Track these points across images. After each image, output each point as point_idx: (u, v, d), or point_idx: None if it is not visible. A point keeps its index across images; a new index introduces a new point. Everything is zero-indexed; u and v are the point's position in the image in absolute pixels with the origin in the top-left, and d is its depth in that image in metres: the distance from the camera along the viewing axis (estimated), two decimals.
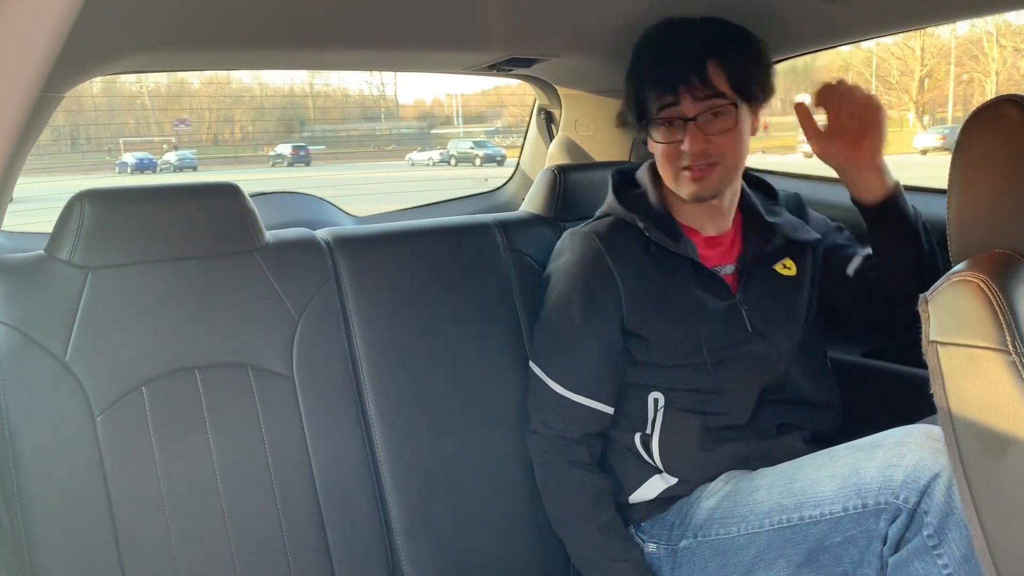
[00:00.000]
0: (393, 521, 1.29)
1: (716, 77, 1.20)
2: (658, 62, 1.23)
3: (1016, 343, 0.77)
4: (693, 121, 1.20)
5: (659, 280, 1.25)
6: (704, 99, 1.20)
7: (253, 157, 20.00)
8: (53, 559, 1.08)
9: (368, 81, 24.04)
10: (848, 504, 1.01)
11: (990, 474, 0.80)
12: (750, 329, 1.25)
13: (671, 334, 1.24)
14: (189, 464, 1.17)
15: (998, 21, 21.04)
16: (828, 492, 1.04)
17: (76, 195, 1.17)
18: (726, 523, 1.14)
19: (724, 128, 1.21)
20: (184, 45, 1.30)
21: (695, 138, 1.21)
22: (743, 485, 1.16)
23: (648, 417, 1.25)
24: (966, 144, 0.89)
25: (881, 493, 0.98)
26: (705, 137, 1.21)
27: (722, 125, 1.21)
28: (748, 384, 1.24)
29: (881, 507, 0.98)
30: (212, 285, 1.23)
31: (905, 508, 0.97)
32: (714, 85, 1.20)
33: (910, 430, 1.03)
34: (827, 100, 1.24)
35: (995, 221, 0.88)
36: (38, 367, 1.10)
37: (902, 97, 22.12)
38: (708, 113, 1.20)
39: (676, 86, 1.20)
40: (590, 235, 1.29)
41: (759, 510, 1.11)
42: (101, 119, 19.02)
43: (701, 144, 1.21)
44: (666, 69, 1.21)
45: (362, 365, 1.32)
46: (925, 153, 16.64)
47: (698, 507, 1.19)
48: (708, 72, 1.19)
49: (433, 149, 19.20)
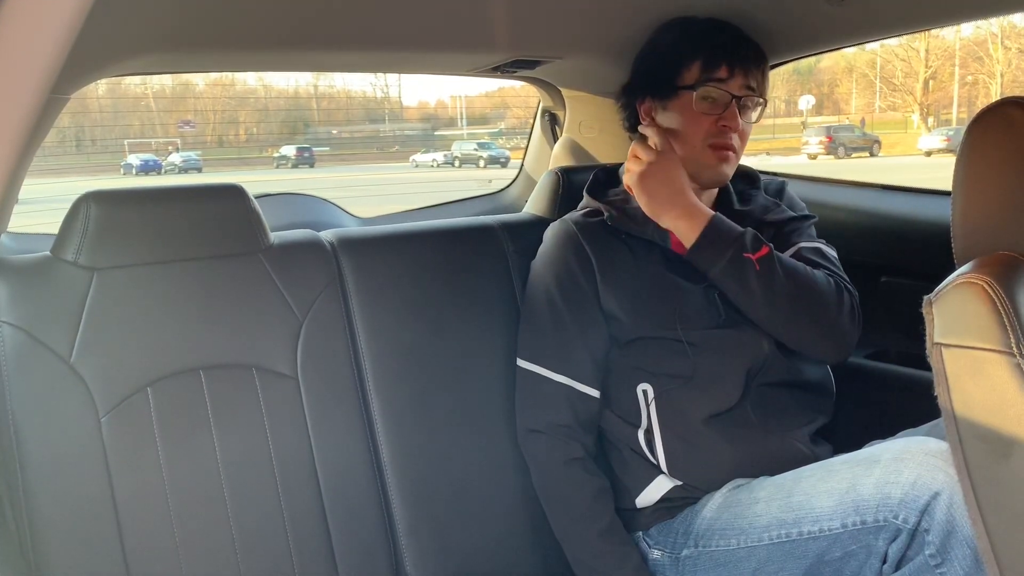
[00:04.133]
0: (397, 521, 1.30)
1: (760, 74, 1.28)
2: (714, 34, 1.28)
3: (1021, 345, 0.76)
4: (736, 99, 1.25)
5: (631, 262, 1.26)
6: (750, 87, 1.26)
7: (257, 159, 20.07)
8: (58, 559, 1.09)
9: (372, 83, 24.11)
10: (847, 521, 1.00)
11: (995, 476, 0.79)
12: (723, 314, 1.23)
13: (645, 307, 1.24)
14: (194, 464, 1.17)
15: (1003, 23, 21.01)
16: (826, 508, 1.03)
17: (82, 196, 1.18)
18: (726, 535, 1.14)
19: (750, 120, 1.29)
20: (189, 47, 1.31)
21: (733, 117, 1.25)
22: (743, 496, 1.15)
23: (641, 412, 1.24)
24: (970, 146, 0.89)
25: (879, 511, 0.97)
26: (737, 122, 1.26)
27: (751, 117, 1.29)
28: (732, 368, 1.22)
29: (880, 524, 0.97)
30: (217, 286, 1.23)
31: (905, 528, 0.95)
32: (759, 78, 1.27)
33: (907, 444, 1.01)
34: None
35: (999, 223, 0.88)
36: (43, 368, 1.11)
37: (907, 99, 22.08)
38: (746, 99, 1.26)
39: (732, 63, 1.25)
40: (565, 221, 1.33)
41: (758, 523, 1.10)
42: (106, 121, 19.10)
43: (736, 125, 1.26)
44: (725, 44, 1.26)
45: (366, 366, 1.32)
46: (930, 155, 16.62)
47: (700, 516, 1.19)
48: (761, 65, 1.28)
49: (437, 151, 19.23)
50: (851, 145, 17.98)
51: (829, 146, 17.47)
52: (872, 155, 18.02)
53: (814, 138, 17.79)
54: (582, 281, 1.26)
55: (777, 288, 1.19)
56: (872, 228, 1.55)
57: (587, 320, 1.25)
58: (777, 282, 1.19)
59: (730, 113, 1.25)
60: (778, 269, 1.20)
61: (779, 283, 1.19)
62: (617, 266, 1.26)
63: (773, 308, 1.20)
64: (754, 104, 1.29)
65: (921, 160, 16.12)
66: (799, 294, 1.20)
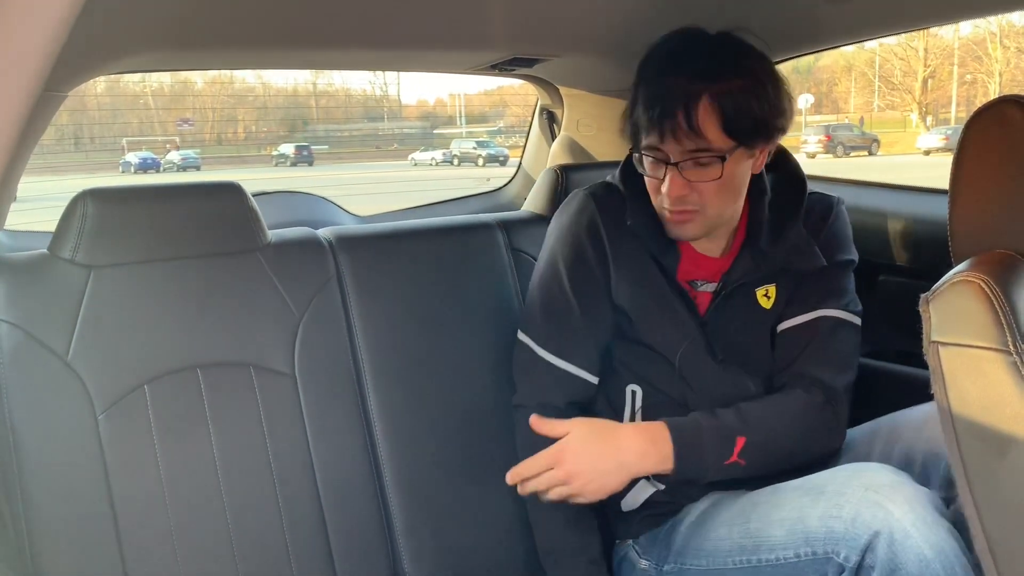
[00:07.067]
0: (394, 519, 1.30)
1: (707, 121, 1.07)
2: (649, 92, 1.11)
3: (1017, 344, 0.76)
4: (675, 166, 1.11)
5: (645, 262, 1.20)
6: (689, 148, 1.09)
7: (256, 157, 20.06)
8: (55, 556, 1.09)
9: (371, 81, 24.12)
10: (799, 551, 1.01)
11: (991, 474, 0.79)
12: (719, 353, 1.19)
13: (651, 317, 1.19)
14: (191, 463, 1.17)
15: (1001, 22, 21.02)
16: (779, 537, 1.03)
17: (79, 194, 1.18)
18: (698, 555, 1.14)
19: (708, 177, 1.10)
20: (187, 44, 1.31)
21: (675, 184, 1.11)
22: (712, 515, 1.15)
23: (626, 411, 1.23)
24: (968, 144, 0.89)
25: (827, 543, 0.97)
26: (687, 183, 1.11)
27: (707, 175, 1.10)
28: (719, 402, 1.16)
29: (829, 556, 0.98)
30: (214, 284, 1.23)
31: (847, 566, 0.96)
32: (702, 131, 1.07)
33: (849, 477, 1.00)
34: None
35: (996, 221, 0.88)
36: (40, 365, 1.11)
37: (905, 98, 22.10)
38: (691, 161, 1.10)
39: (662, 126, 1.09)
40: (588, 197, 1.24)
41: (722, 547, 1.10)
42: (104, 118, 19.09)
43: (681, 190, 1.11)
44: (654, 104, 1.09)
45: (364, 364, 1.32)
46: (928, 153, 16.64)
47: (679, 530, 1.19)
48: (698, 115, 1.07)
49: (436, 149, 19.24)
50: (850, 144, 17.99)
51: (828, 145, 17.49)
52: (871, 154, 18.03)
53: (813, 137, 17.81)
54: (596, 269, 1.21)
55: (767, 460, 1.13)
56: (870, 227, 1.55)
57: (595, 310, 1.22)
58: (766, 458, 1.13)
59: (670, 179, 1.11)
60: (763, 449, 1.12)
61: (768, 457, 1.13)
62: (633, 261, 1.20)
63: (765, 468, 1.14)
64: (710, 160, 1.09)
65: (920, 159, 16.13)
66: (789, 448, 1.14)
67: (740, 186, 1.16)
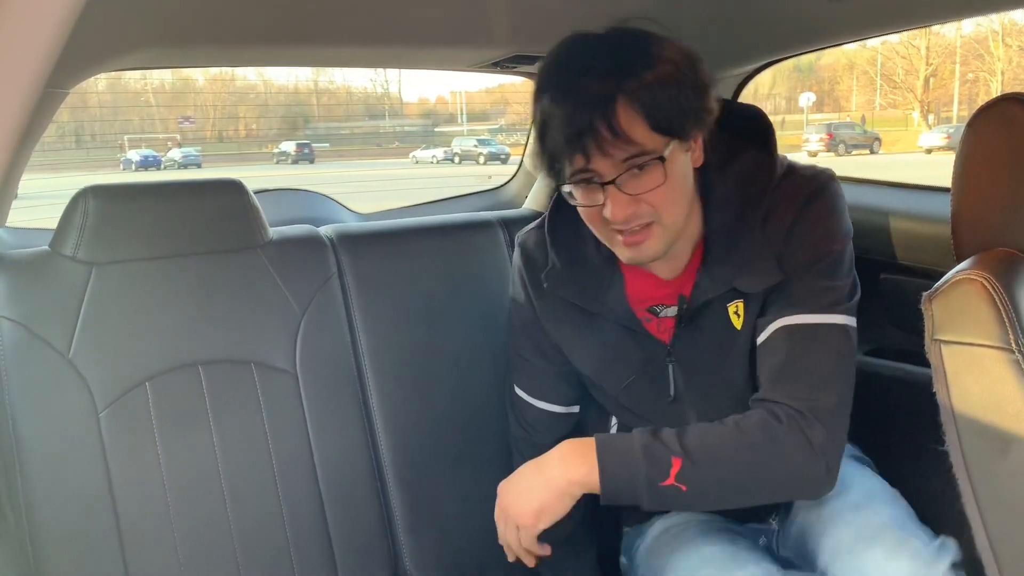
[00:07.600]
0: (396, 517, 1.30)
1: (630, 123, 0.92)
2: (559, 109, 0.94)
3: (1019, 341, 0.76)
4: (612, 184, 0.95)
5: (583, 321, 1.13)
6: (622, 158, 0.94)
7: (257, 154, 20.07)
8: (57, 553, 1.09)
9: (372, 79, 24.13)
10: None
11: (993, 472, 0.79)
12: (671, 393, 1.11)
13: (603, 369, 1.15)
14: (192, 460, 1.18)
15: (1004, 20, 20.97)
16: None
17: (80, 191, 1.18)
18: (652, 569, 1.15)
19: (653, 185, 0.95)
20: (189, 41, 1.30)
21: (618, 203, 0.96)
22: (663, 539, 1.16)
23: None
24: (970, 142, 0.89)
25: None
26: (632, 198, 0.96)
27: (649, 182, 0.95)
28: None
29: None
30: (216, 281, 1.23)
31: None
32: (629, 135, 0.92)
33: None
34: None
35: (998, 219, 0.88)
36: (42, 362, 1.11)
37: (907, 96, 22.07)
38: (627, 173, 0.95)
39: (584, 143, 0.93)
40: (519, 248, 1.21)
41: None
42: (106, 116, 19.09)
43: (627, 208, 0.96)
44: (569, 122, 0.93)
45: (365, 361, 1.32)
46: (930, 152, 16.64)
47: (644, 539, 1.20)
48: (619, 118, 0.92)
49: (437, 147, 19.25)
50: (851, 142, 18.00)
51: (829, 143, 17.49)
52: (872, 152, 18.04)
53: (814, 135, 17.81)
54: (541, 336, 1.18)
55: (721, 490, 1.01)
56: (871, 225, 1.55)
57: (555, 361, 1.19)
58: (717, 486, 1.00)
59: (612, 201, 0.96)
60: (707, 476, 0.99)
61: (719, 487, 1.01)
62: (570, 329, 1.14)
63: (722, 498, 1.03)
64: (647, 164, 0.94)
65: (921, 157, 16.12)
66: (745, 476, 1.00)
67: (687, 185, 1.02)
